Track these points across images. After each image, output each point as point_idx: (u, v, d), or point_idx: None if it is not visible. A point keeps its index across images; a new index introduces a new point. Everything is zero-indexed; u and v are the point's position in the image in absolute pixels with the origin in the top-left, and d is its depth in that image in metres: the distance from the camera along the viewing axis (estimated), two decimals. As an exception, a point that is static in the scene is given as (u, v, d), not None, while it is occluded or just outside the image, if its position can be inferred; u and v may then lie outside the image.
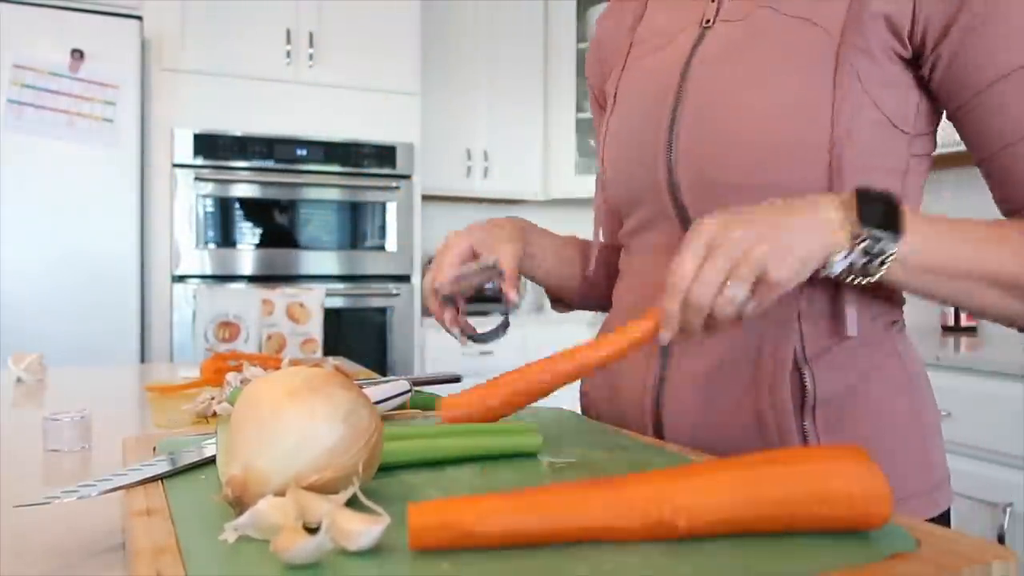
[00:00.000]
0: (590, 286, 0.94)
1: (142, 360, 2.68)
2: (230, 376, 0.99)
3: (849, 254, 0.59)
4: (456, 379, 0.98)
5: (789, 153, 0.67)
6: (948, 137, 0.73)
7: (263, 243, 2.90)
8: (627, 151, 0.79)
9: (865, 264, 0.59)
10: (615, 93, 0.83)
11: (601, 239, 0.90)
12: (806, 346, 0.69)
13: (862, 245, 0.58)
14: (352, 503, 0.44)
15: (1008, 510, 1.61)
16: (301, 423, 0.46)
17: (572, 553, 0.41)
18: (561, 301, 0.96)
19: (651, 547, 0.41)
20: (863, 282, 0.61)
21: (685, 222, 0.73)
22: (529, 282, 1.01)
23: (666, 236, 0.76)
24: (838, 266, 0.59)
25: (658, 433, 0.75)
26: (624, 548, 0.41)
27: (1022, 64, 0.64)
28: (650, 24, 0.83)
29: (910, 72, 0.69)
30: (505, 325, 0.82)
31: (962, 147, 0.71)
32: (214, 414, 0.94)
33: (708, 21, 0.75)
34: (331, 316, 2.65)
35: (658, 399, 0.75)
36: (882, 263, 0.59)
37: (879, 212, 0.59)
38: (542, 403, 0.71)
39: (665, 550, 0.41)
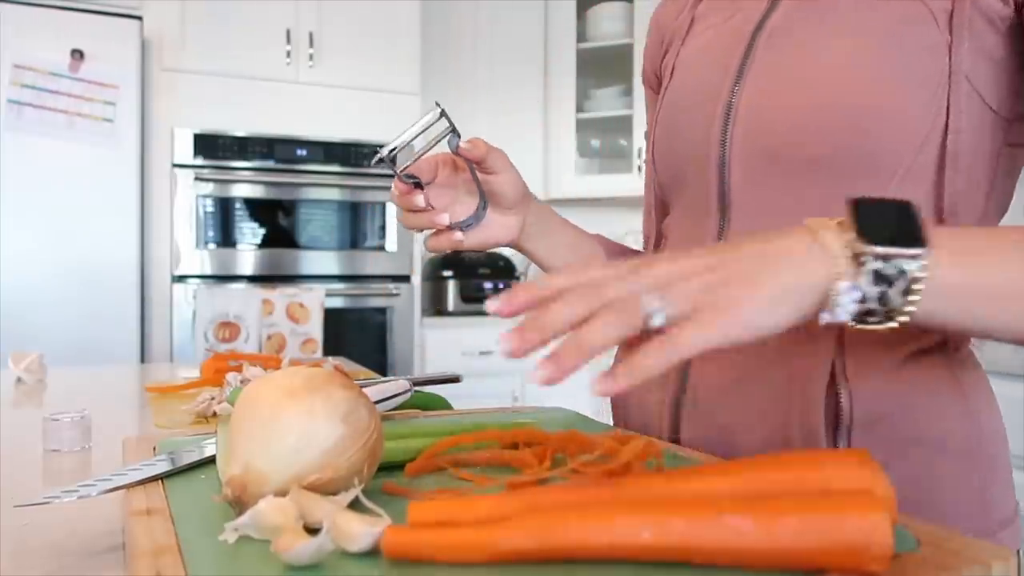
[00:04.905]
0: None
1: (142, 360, 2.68)
2: (230, 376, 0.98)
3: (856, 285, 0.42)
4: (456, 379, 0.98)
5: (887, 121, 0.58)
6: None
7: (263, 243, 2.90)
8: (678, 125, 0.72)
9: (884, 296, 0.43)
10: (672, 68, 0.76)
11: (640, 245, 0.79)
12: (847, 359, 0.60)
13: (872, 267, 0.42)
14: (352, 504, 0.44)
15: (1008, 510, 1.61)
16: (301, 423, 0.46)
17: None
18: None
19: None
20: (888, 326, 0.44)
21: (724, 210, 0.66)
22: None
23: (700, 230, 0.68)
24: (845, 301, 0.43)
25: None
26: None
27: None
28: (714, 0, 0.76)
29: (1009, 40, 0.59)
30: (483, 206, 0.73)
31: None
32: (214, 414, 0.94)
33: None
34: (331, 316, 2.65)
35: (677, 410, 0.68)
36: (907, 291, 0.43)
37: (890, 225, 0.43)
38: (541, 402, 0.69)
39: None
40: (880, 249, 0.42)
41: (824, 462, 0.43)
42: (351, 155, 2.99)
